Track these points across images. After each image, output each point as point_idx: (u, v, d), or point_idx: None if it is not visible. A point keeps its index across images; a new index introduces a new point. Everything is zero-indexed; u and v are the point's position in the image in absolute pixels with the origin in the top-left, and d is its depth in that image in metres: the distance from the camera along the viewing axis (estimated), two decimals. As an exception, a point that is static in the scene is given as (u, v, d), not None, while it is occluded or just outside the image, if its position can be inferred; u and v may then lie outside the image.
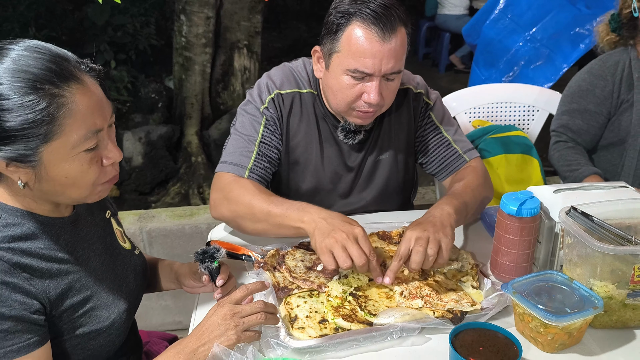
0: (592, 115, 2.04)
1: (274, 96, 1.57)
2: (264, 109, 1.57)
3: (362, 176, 1.67)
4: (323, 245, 1.23)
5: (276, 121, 1.57)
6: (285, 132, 1.60)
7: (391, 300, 1.26)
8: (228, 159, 1.53)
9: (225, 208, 1.46)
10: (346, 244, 1.21)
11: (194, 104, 4.22)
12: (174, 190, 3.81)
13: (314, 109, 1.60)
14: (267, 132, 1.56)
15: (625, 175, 2.01)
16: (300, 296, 1.28)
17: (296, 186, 1.66)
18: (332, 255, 1.22)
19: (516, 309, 1.18)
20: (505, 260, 1.34)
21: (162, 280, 1.41)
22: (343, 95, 1.46)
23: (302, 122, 1.60)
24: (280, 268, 1.35)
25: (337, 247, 1.21)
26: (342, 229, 1.23)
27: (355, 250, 1.20)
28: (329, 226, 1.25)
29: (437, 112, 1.67)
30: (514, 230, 1.30)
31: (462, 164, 1.64)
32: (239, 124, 1.58)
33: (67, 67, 0.98)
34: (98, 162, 1.04)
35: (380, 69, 1.38)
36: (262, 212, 1.38)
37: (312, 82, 1.61)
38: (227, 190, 1.47)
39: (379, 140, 1.64)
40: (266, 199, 1.40)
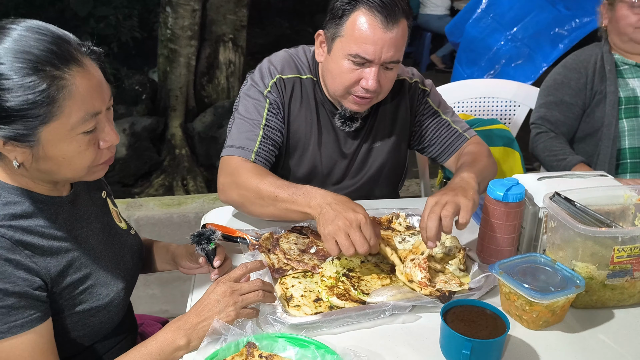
0: (568, 107, 2.12)
1: (276, 80, 1.61)
2: (267, 92, 1.60)
3: (355, 163, 1.71)
4: (326, 232, 1.25)
5: (279, 105, 1.60)
6: (286, 117, 1.63)
7: (382, 280, 1.31)
8: (234, 142, 1.56)
9: (235, 192, 1.48)
10: (349, 231, 1.23)
11: (178, 96, 4.22)
12: (158, 182, 3.81)
13: (314, 94, 1.64)
14: (271, 115, 1.59)
15: (601, 164, 2.09)
16: (294, 277, 1.31)
17: (293, 170, 1.70)
18: (335, 242, 1.24)
19: (502, 288, 1.24)
20: (491, 244, 1.40)
21: (158, 262, 1.43)
22: (342, 79, 1.50)
23: (302, 107, 1.64)
24: (274, 250, 1.38)
25: (340, 235, 1.23)
26: (346, 216, 1.25)
27: (358, 238, 1.23)
28: (333, 212, 1.27)
29: (433, 97, 1.73)
30: (500, 215, 1.36)
31: (463, 142, 1.71)
32: (242, 108, 1.61)
33: (68, 49, 0.99)
34: (95, 144, 1.06)
35: (380, 56, 1.43)
36: (270, 196, 1.41)
37: (312, 68, 1.65)
38: (235, 174, 1.49)
39: (373, 129, 1.69)
40: (273, 182, 1.42)
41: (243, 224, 1.56)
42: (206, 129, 4.10)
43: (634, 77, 2.08)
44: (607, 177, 1.45)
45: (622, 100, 2.04)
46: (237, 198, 1.49)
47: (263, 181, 1.44)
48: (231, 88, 4.39)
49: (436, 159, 1.79)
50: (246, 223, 1.56)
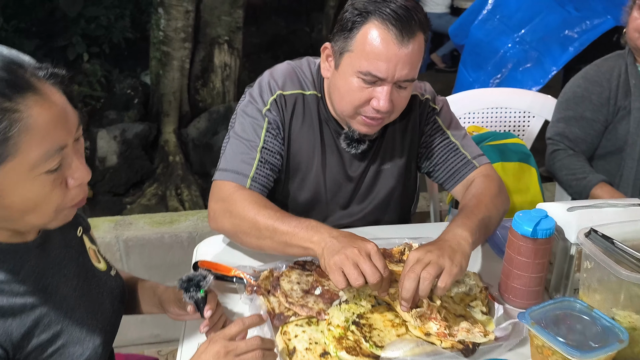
0: (588, 123, 1.98)
1: (277, 97, 1.46)
2: (267, 111, 1.45)
3: (362, 187, 1.57)
4: (332, 262, 1.12)
5: (279, 124, 1.46)
6: (287, 137, 1.48)
7: (397, 329, 1.16)
8: (228, 165, 1.42)
9: (227, 221, 1.35)
10: (358, 260, 1.10)
11: (171, 101, 4.07)
12: (150, 191, 3.65)
13: (318, 112, 1.49)
14: (269, 136, 1.45)
15: (624, 186, 1.95)
16: (298, 324, 1.17)
17: (294, 195, 1.55)
18: (342, 273, 1.10)
19: (534, 340, 1.09)
20: (516, 283, 1.25)
21: (143, 304, 1.28)
22: (350, 98, 1.35)
23: (304, 126, 1.49)
24: (275, 292, 1.23)
25: (348, 264, 1.10)
26: (354, 245, 1.13)
27: (368, 267, 1.09)
28: (339, 244, 1.15)
29: (444, 116, 1.58)
30: (528, 252, 1.21)
31: (472, 170, 1.55)
32: (239, 127, 1.46)
33: (22, 75, 0.83)
34: (62, 183, 0.90)
35: (394, 75, 1.28)
36: (268, 229, 1.27)
37: (316, 84, 1.50)
38: (229, 202, 1.36)
39: (381, 150, 1.54)
40: (272, 214, 1.29)
41: (240, 255, 1.41)
42: (201, 135, 3.94)
43: (659, 91, 1.94)
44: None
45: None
46: (230, 227, 1.35)
47: (261, 212, 1.30)
48: (227, 92, 4.24)
49: (442, 185, 1.64)
50: (244, 254, 1.41)
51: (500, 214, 1.45)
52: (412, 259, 1.14)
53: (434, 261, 1.12)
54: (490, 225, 1.38)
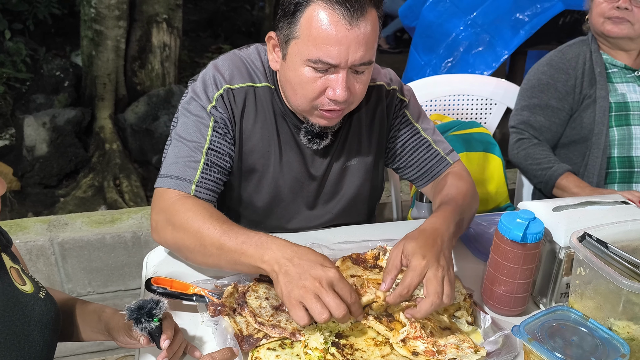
0: (553, 111, 1.93)
1: (223, 92, 1.30)
2: (212, 108, 1.29)
3: (327, 185, 1.44)
4: (292, 297, 0.99)
5: (227, 123, 1.30)
6: (238, 136, 1.33)
7: (381, 348, 1.05)
8: (170, 171, 1.25)
9: (170, 235, 1.20)
10: (320, 293, 0.98)
11: (106, 84, 3.78)
12: (86, 182, 3.38)
13: (272, 106, 1.34)
14: (216, 136, 1.29)
15: (589, 175, 1.92)
16: (270, 348, 1.04)
17: (250, 199, 1.40)
18: (303, 308, 0.98)
19: (530, 356, 1.01)
20: (502, 290, 1.17)
21: (84, 330, 1.11)
22: (303, 91, 1.21)
23: (258, 122, 1.34)
24: (241, 310, 1.09)
25: (309, 298, 0.97)
26: (313, 275, 1.00)
27: (332, 300, 0.97)
28: (297, 270, 1.01)
29: (412, 109, 1.47)
30: (516, 258, 1.13)
31: (445, 168, 1.46)
32: (181, 127, 1.30)
33: None
34: None
35: (347, 59, 1.15)
36: (214, 245, 1.13)
37: (268, 75, 1.34)
38: (170, 212, 1.20)
39: (346, 145, 1.42)
40: (219, 227, 1.14)
41: (196, 266, 1.26)
42: (139, 120, 3.69)
43: (623, 81, 1.90)
44: (630, 206, 1.25)
45: (613, 106, 1.86)
46: (173, 242, 1.21)
47: (206, 224, 1.15)
48: (166, 74, 3.98)
49: (413, 182, 1.54)
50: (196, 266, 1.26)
51: (472, 215, 1.40)
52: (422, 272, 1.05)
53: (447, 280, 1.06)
54: (463, 228, 1.33)
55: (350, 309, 1.00)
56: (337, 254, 1.29)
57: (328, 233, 1.43)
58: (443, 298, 1.04)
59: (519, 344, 1.05)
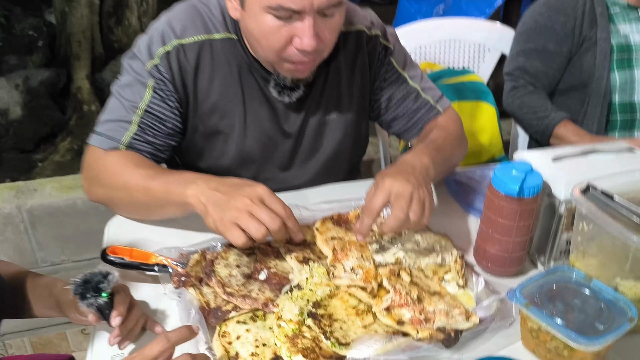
0: (551, 56, 1.80)
1: (172, 49, 1.16)
2: (153, 67, 1.15)
3: (303, 143, 1.31)
4: (225, 220, 0.96)
5: (171, 84, 1.17)
6: (192, 96, 1.20)
7: (363, 317, 0.95)
8: (102, 128, 1.17)
9: (100, 192, 1.16)
10: (252, 210, 0.95)
11: (81, 42, 3.58)
12: (64, 146, 3.24)
13: (235, 58, 1.20)
14: (156, 98, 1.17)
15: (588, 123, 1.80)
16: (240, 321, 0.93)
17: (215, 162, 1.29)
18: (238, 228, 0.95)
19: (527, 322, 0.91)
20: (496, 249, 1.07)
21: (36, 305, 1.01)
22: (267, 42, 1.08)
23: (216, 79, 1.20)
24: (209, 280, 0.99)
25: (243, 217, 0.95)
26: (242, 194, 0.97)
27: (265, 214, 0.95)
28: (224, 196, 0.98)
29: (398, 56, 1.33)
30: (512, 214, 1.02)
31: (436, 117, 1.36)
32: (121, 83, 1.20)
33: None
34: None
35: (311, 3, 1.01)
36: (139, 190, 1.09)
37: (229, 24, 1.20)
38: (98, 168, 1.15)
39: (323, 98, 1.29)
40: (144, 173, 1.10)
41: (163, 232, 1.15)
42: (118, 80, 3.52)
43: (625, 21, 1.76)
44: (636, 153, 1.14)
45: (614, 49, 1.73)
46: (104, 198, 1.17)
47: (132, 173, 1.11)
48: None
49: (401, 137, 1.42)
50: (168, 230, 1.15)
51: (460, 159, 1.33)
52: (390, 189, 1.00)
53: (415, 197, 1.00)
54: (449, 168, 1.30)
55: (286, 224, 0.98)
56: (317, 215, 1.18)
57: (307, 193, 1.31)
58: (409, 214, 0.98)
59: (515, 309, 0.95)
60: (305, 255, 1.06)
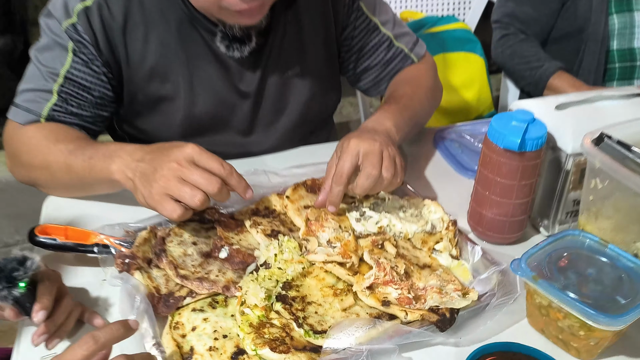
0: (542, 1, 1.65)
1: (92, 4, 0.97)
2: (69, 27, 0.97)
3: (264, 104, 1.15)
4: (155, 193, 0.82)
5: (92, 47, 0.99)
6: (123, 60, 1.03)
7: (342, 298, 0.81)
8: (19, 99, 1.02)
9: (22, 172, 1.03)
10: (182, 174, 0.81)
11: (38, 5, 3.35)
12: (24, 118, 3.04)
13: (173, 12, 1.02)
14: (78, 63, 1.00)
15: (584, 73, 1.65)
16: (196, 309, 0.79)
17: (160, 133, 1.12)
18: (171, 199, 0.81)
19: (534, 298, 0.78)
20: (494, 213, 0.93)
21: None
22: None
23: (151, 39, 1.02)
24: (159, 261, 0.84)
25: (173, 184, 0.81)
26: (168, 159, 0.82)
27: (199, 176, 0.81)
28: (150, 165, 0.84)
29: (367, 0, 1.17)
30: (512, 172, 0.88)
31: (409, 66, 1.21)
32: (39, 46, 1.02)
33: None
34: None
35: None
36: (61, 169, 0.95)
37: None
38: (14, 146, 1.01)
39: (282, 50, 1.11)
40: (64, 148, 0.95)
41: (108, 208, 0.99)
42: (80, 46, 3.30)
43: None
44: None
45: None
46: (27, 179, 1.04)
47: (51, 150, 0.96)
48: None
49: (369, 92, 1.28)
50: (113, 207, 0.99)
51: (433, 110, 1.22)
52: (357, 149, 0.90)
53: (386, 154, 0.91)
54: (420, 125, 1.18)
55: (228, 182, 0.83)
56: (289, 182, 1.03)
57: (277, 157, 1.16)
58: (382, 172, 0.89)
59: (519, 282, 0.81)
60: (274, 228, 0.92)
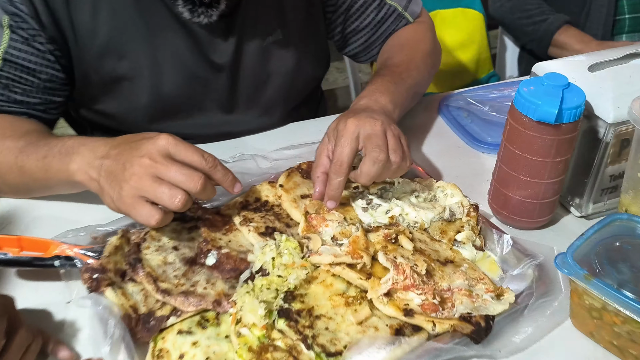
0: None
1: None
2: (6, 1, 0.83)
3: (243, 77, 1.00)
4: (126, 196, 0.68)
5: (33, 20, 0.84)
6: (70, 36, 0.88)
7: (355, 308, 0.68)
8: None
9: None
10: (157, 171, 0.68)
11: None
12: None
13: None
14: (17, 41, 0.85)
15: (592, 27, 1.53)
16: (183, 331, 0.65)
17: (124, 117, 0.98)
18: (147, 202, 0.68)
19: (583, 298, 0.66)
20: (522, 195, 0.80)
21: None
22: None
23: (102, 9, 0.88)
24: (135, 274, 0.70)
25: (147, 184, 0.67)
26: (138, 154, 0.69)
27: (177, 172, 0.68)
28: (117, 163, 0.71)
29: None
30: (545, 148, 0.75)
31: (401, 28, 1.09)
32: None
33: None
34: None
35: None
36: (12, 170, 0.81)
37: None
38: None
39: (259, 14, 0.97)
40: (13, 146, 0.81)
41: (71, 210, 0.84)
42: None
43: None
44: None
45: None
46: None
47: None
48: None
49: (358, 57, 1.16)
50: (75, 207, 0.84)
51: (432, 77, 1.10)
52: (356, 130, 0.77)
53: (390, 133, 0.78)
54: (418, 96, 1.06)
55: (212, 176, 0.71)
56: (280, 166, 0.89)
57: (263, 137, 1.02)
58: (390, 155, 0.76)
59: (562, 279, 0.69)
60: (268, 225, 0.78)
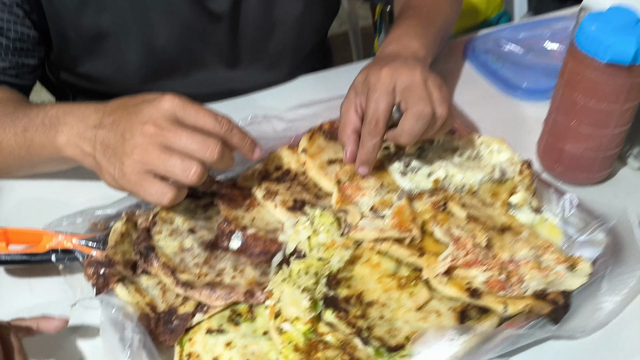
0: None
1: None
2: None
3: (245, 26, 0.87)
4: (130, 172, 0.57)
5: None
6: None
7: (412, 291, 0.58)
8: None
9: None
10: (164, 140, 0.57)
11: None
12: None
13: None
14: None
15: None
16: (213, 330, 0.56)
17: (111, 78, 0.86)
18: (157, 178, 0.57)
19: (672, 266, 0.57)
20: (581, 148, 0.71)
21: None
22: None
23: None
24: (148, 265, 0.59)
25: (155, 156, 0.56)
26: (140, 121, 0.58)
27: (189, 139, 0.57)
28: (115, 132, 0.59)
29: None
30: (615, 92, 0.65)
31: None
32: None
33: None
34: None
35: None
36: None
37: None
38: None
39: None
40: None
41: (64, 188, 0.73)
42: None
43: None
44: None
45: None
46: None
47: None
48: None
49: None
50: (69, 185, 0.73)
51: (457, 18, 0.98)
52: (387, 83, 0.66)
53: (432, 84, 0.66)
54: (446, 38, 0.93)
55: (229, 141, 0.60)
56: (299, 127, 0.78)
57: (271, 94, 0.90)
58: (435, 108, 0.65)
59: None
60: (296, 197, 0.68)
